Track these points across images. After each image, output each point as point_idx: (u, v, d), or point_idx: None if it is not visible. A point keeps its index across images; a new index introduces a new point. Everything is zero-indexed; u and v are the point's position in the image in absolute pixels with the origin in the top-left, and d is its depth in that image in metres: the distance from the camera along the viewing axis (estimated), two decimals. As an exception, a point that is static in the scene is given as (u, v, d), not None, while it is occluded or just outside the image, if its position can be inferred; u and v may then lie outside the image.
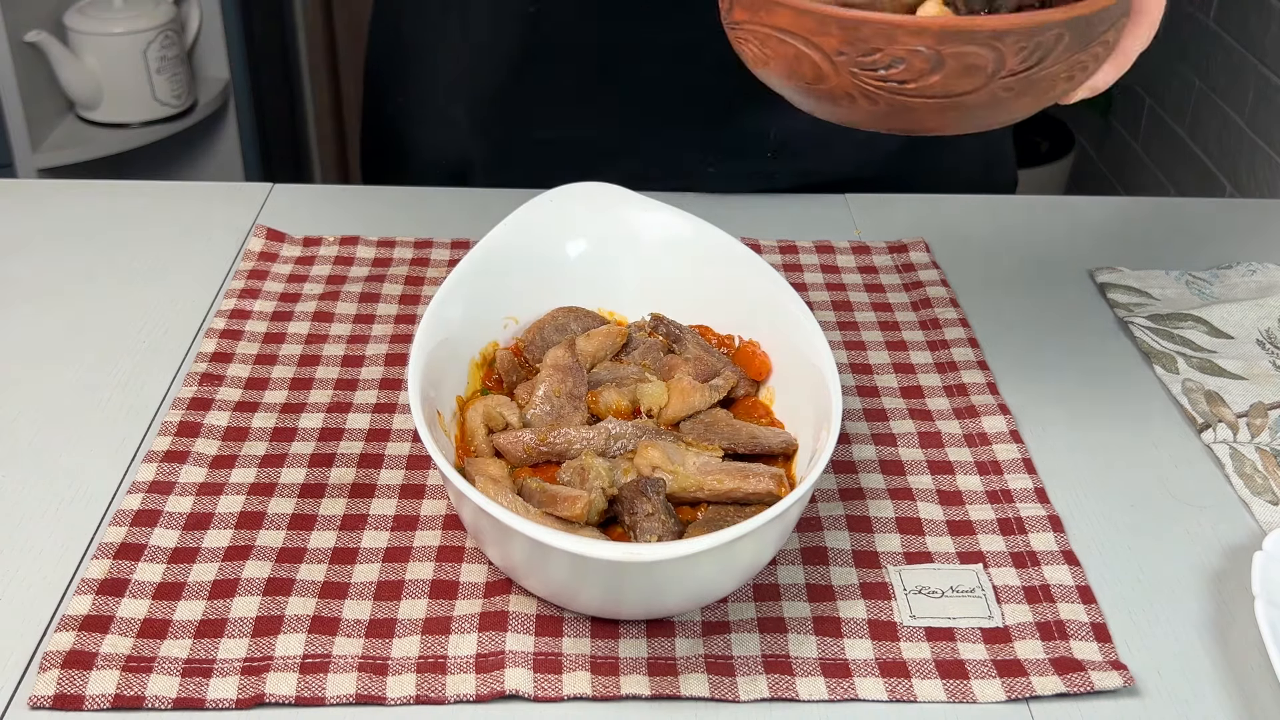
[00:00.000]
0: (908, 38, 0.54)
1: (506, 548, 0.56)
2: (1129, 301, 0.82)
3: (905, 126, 0.58)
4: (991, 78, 0.55)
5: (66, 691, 0.53)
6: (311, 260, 0.84)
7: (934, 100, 0.55)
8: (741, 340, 0.69)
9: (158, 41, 1.96)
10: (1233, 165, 1.91)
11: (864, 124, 0.59)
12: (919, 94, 0.55)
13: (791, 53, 0.56)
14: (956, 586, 0.60)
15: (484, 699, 0.54)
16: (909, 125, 0.58)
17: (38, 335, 0.76)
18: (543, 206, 0.71)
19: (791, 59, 0.56)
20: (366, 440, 0.68)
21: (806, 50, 0.55)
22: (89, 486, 0.65)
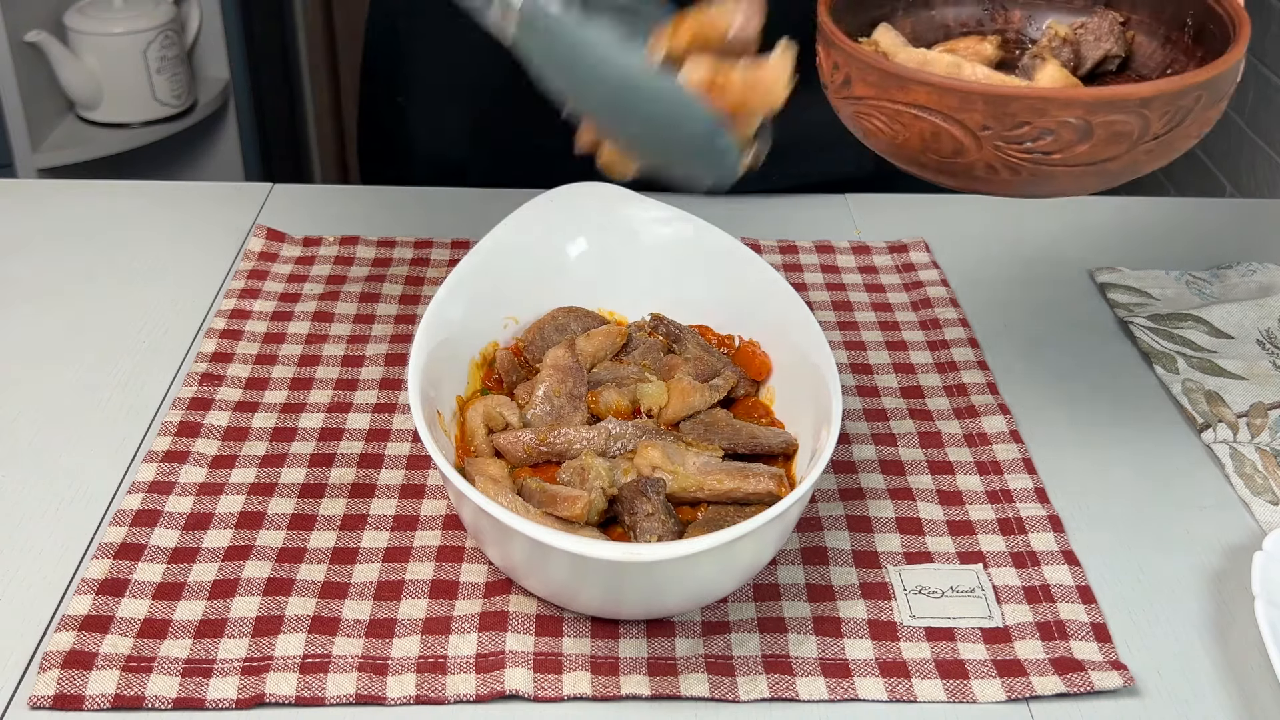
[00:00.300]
0: (1058, 110, 0.54)
1: (506, 548, 0.56)
2: (1129, 301, 0.82)
3: (1039, 192, 0.58)
4: (1136, 143, 0.55)
5: (66, 691, 0.53)
6: (311, 260, 0.84)
7: (1078, 168, 0.55)
8: (741, 340, 0.69)
9: (158, 41, 1.96)
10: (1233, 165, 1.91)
11: (997, 192, 0.58)
12: (1064, 163, 0.55)
13: (928, 129, 0.56)
14: (956, 586, 0.60)
15: (484, 699, 0.54)
16: (1044, 191, 0.58)
17: (38, 335, 0.76)
18: (543, 206, 0.71)
19: (928, 135, 0.56)
20: (366, 440, 0.68)
21: (946, 126, 0.55)
22: (89, 486, 0.65)
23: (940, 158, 0.57)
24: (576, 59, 0.50)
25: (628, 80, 0.48)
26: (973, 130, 0.55)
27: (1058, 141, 0.54)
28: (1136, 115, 0.54)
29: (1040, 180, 0.56)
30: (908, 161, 0.59)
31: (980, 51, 0.67)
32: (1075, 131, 0.54)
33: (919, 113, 0.56)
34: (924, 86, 0.55)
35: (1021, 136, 0.54)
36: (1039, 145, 0.54)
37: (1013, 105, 0.54)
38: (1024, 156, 0.55)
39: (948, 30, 0.70)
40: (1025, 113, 0.54)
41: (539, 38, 0.50)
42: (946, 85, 0.55)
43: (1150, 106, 0.54)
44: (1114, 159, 0.55)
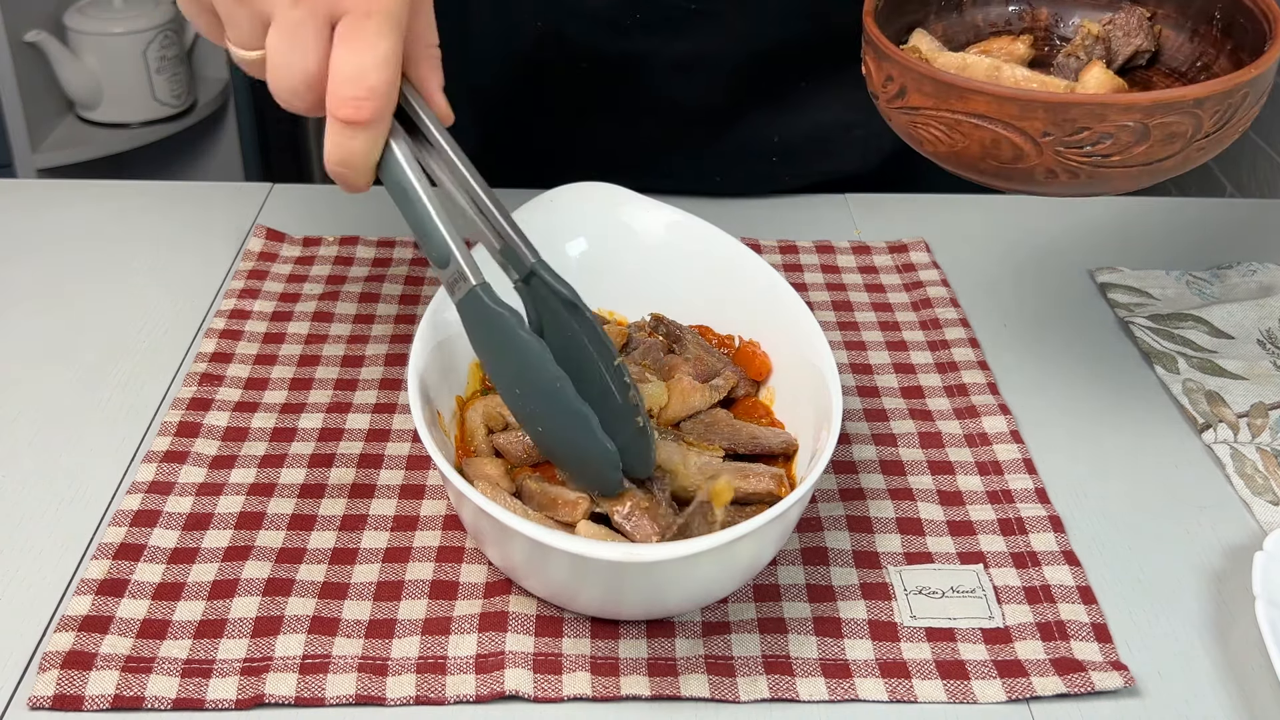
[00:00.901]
0: (1118, 115, 0.55)
1: (506, 548, 0.56)
2: (1129, 301, 0.82)
3: (1094, 192, 0.60)
4: (1190, 142, 0.57)
5: (66, 692, 0.53)
6: (311, 260, 0.84)
7: (1134, 168, 0.57)
8: (741, 340, 0.69)
9: (157, 41, 1.96)
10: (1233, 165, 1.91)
11: (1054, 194, 0.60)
12: (1122, 164, 0.57)
13: (988, 137, 0.57)
14: (957, 587, 0.60)
15: (484, 699, 0.54)
16: (1098, 190, 0.60)
17: (37, 335, 0.76)
18: (543, 206, 0.71)
19: (988, 143, 0.57)
20: (366, 440, 0.68)
21: (1007, 134, 0.57)
22: (89, 487, 0.65)
23: (1000, 164, 0.58)
24: (508, 351, 0.52)
25: (544, 390, 0.51)
26: (1033, 137, 0.56)
27: (1116, 144, 0.56)
28: (1190, 115, 0.56)
29: (1097, 182, 0.58)
30: (965, 168, 0.61)
31: (1014, 51, 0.68)
32: (1133, 134, 0.56)
33: (979, 122, 0.57)
34: (984, 96, 0.56)
35: (1081, 141, 0.56)
36: (1099, 149, 0.56)
37: (1073, 111, 0.55)
38: (1084, 160, 0.56)
39: (978, 31, 0.71)
40: (1085, 118, 0.55)
41: (483, 319, 0.53)
42: (1007, 95, 0.56)
43: (1203, 106, 0.56)
44: (1169, 158, 0.57)
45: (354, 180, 0.55)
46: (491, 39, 0.91)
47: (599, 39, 0.88)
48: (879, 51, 0.61)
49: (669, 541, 0.54)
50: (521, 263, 0.56)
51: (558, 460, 0.59)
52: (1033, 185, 0.59)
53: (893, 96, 0.61)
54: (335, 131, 0.52)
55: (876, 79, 0.62)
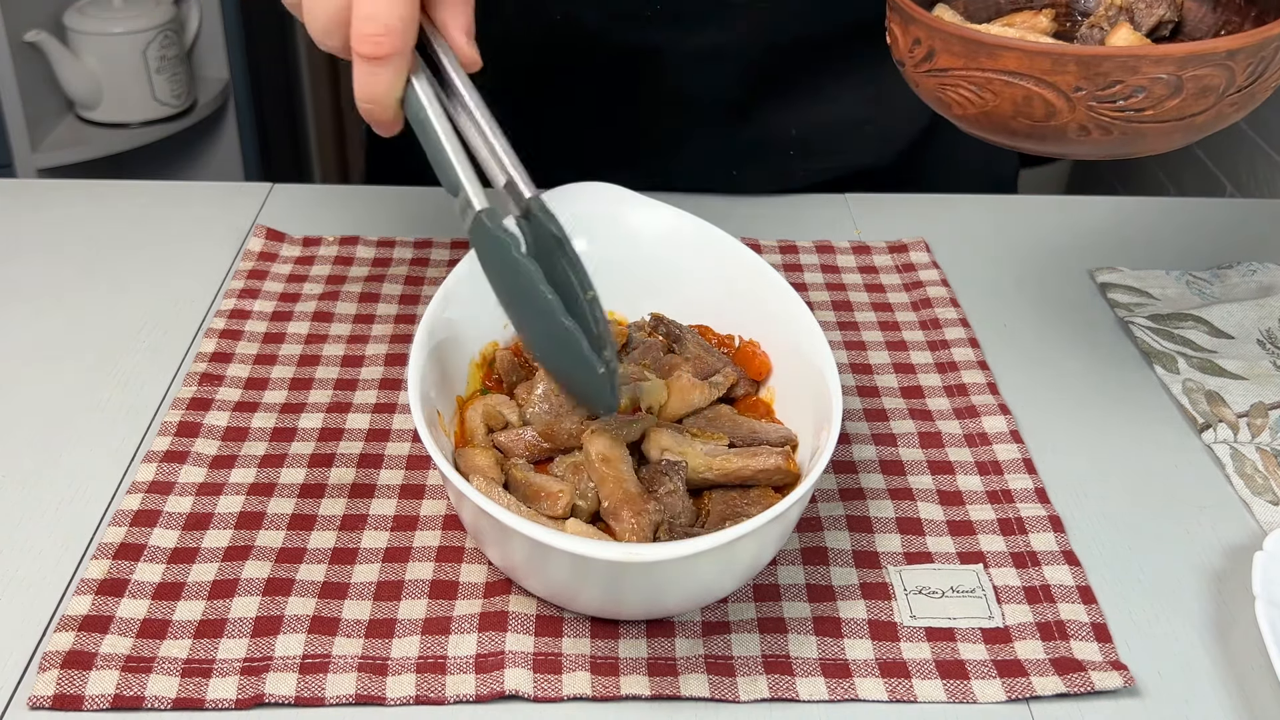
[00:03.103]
0: (1150, 67, 0.55)
1: (506, 548, 0.56)
2: (1129, 301, 0.82)
3: (1128, 151, 0.60)
4: (1222, 96, 0.56)
5: (66, 692, 0.53)
6: (311, 260, 0.84)
7: (1167, 123, 0.57)
8: (741, 340, 0.69)
9: (157, 41, 1.96)
10: (1233, 165, 1.91)
11: (1087, 154, 0.60)
12: (1155, 119, 0.57)
13: (1020, 94, 0.57)
14: (957, 587, 0.60)
15: (484, 699, 0.54)
16: (1133, 149, 0.59)
17: (37, 335, 0.76)
18: (542, 206, 0.71)
19: (1020, 100, 0.57)
20: (366, 440, 0.68)
21: (1039, 90, 0.56)
22: (88, 486, 0.65)
23: (1032, 122, 0.58)
24: (506, 271, 0.57)
25: (538, 308, 0.55)
26: (1065, 92, 0.56)
27: (1149, 98, 0.56)
28: (1223, 68, 0.56)
29: (1131, 138, 0.58)
30: (996, 130, 0.60)
31: (1036, 24, 0.68)
32: (1166, 87, 0.55)
33: (1010, 79, 0.57)
34: (1014, 52, 0.56)
35: (1114, 95, 0.56)
36: (1131, 103, 0.56)
37: (1105, 64, 0.55)
38: (1117, 115, 0.56)
39: (999, 7, 0.71)
40: (1118, 71, 0.55)
41: (485, 241, 0.57)
42: (1039, 49, 0.56)
43: (1235, 59, 0.56)
44: (1202, 112, 0.57)
45: (381, 116, 0.59)
46: (511, 29, 0.91)
47: (618, 30, 0.88)
48: (905, 15, 0.61)
49: (668, 542, 0.54)
50: (520, 198, 0.59)
51: (560, 380, 0.62)
52: (1065, 144, 0.59)
53: (920, 60, 0.60)
54: (359, 68, 0.57)
55: (903, 43, 0.62)
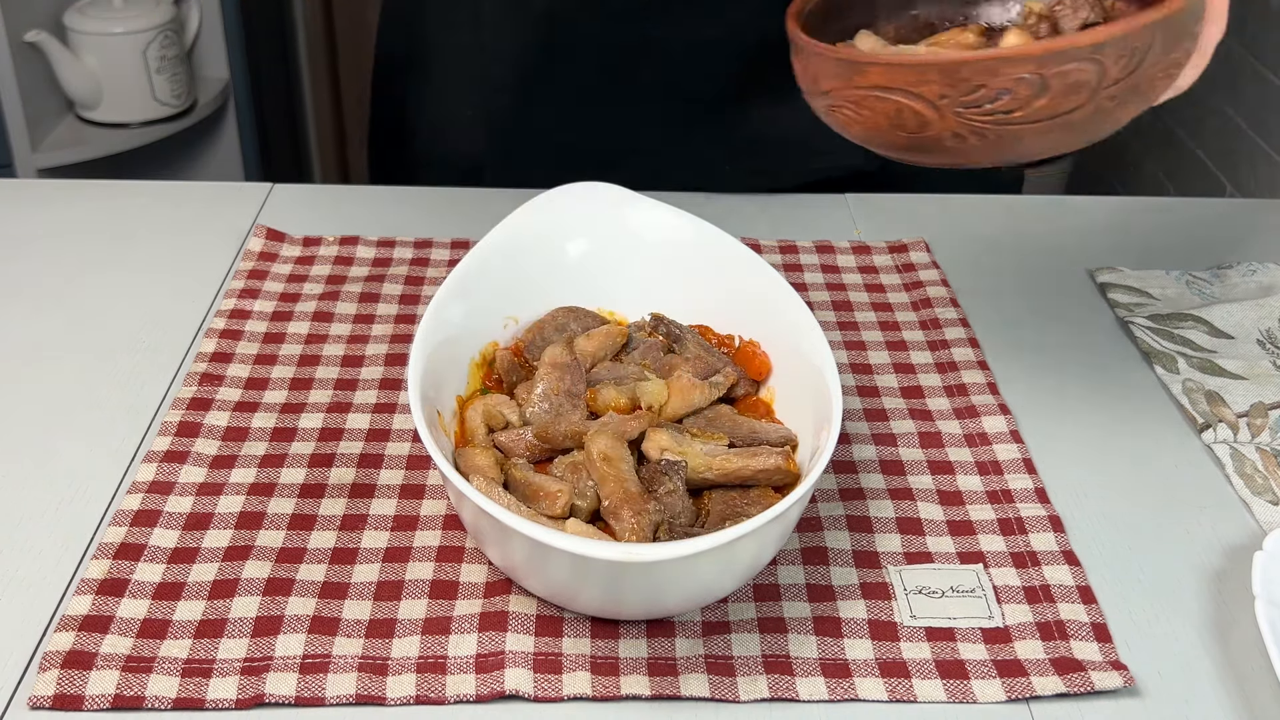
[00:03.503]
0: (1010, 68, 0.54)
1: (506, 548, 0.56)
2: (1129, 301, 0.82)
3: (1014, 155, 0.59)
4: (1096, 90, 0.55)
5: (66, 691, 0.53)
6: (311, 260, 0.84)
7: (1042, 123, 0.56)
8: (741, 340, 0.69)
9: (157, 41, 1.96)
10: (1233, 165, 1.91)
11: (973, 160, 0.59)
12: (1027, 119, 0.56)
13: (892, 108, 0.57)
14: (957, 586, 0.60)
15: (484, 699, 0.54)
16: (1017, 153, 0.59)
17: (37, 335, 0.76)
18: (542, 206, 0.71)
19: (893, 114, 0.57)
20: (366, 440, 0.68)
21: (907, 101, 0.56)
22: (89, 486, 0.65)
23: (908, 134, 0.58)
24: None
25: None
26: (932, 101, 0.56)
27: (1015, 99, 0.55)
28: (1091, 62, 0.54)
29: (1008, 142, 0.57)
30: (883, 145, 0.60)
31: (963, 41, 0.67)
32: (1030, 87, 0.55)
33: (880, 94, 0.57)
34: (878, 67, 0.56)
35: (979, 100, 0.55)
36: (998, 105, 0.55)
37: (964, 70, 0.55)
38: (986, 119, 0.56)
39: (933, 28, 0.71)
40: (978, 75, 0.55)
41: None
42: (899, 61, 0.56)
43: (1103, 52, 0.54)
44: (1077, 109, 0.56)
45: None
46: (503, 23, 0.91)
47: (610, 25, 0.88)
48: (795, 46, 0.61)
49: (668, 541, 0.54)
50: None
51: None
52: (946, 154, 0.58)
53: (810, 86, 0.61)
54: None
55: (800, 74, 0.62)
